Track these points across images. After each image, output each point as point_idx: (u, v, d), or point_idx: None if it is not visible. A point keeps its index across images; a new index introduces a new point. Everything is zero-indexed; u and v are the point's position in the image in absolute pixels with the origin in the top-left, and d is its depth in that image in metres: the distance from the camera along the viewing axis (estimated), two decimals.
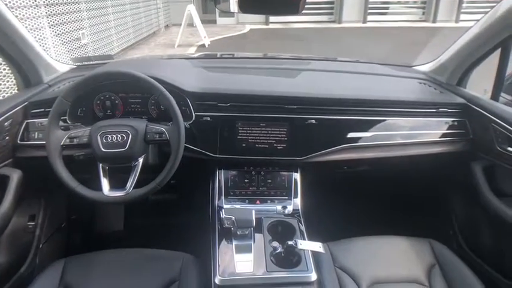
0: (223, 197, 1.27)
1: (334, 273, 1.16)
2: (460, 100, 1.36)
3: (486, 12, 1.24)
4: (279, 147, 1.28)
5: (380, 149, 1.32)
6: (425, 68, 1.61)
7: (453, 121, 1.36)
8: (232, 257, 1.06)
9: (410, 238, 1.28)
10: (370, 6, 11.30)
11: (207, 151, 1.28)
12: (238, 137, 1.28)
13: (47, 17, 4.43)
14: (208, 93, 1.28)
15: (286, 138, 1.28)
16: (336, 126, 1.29)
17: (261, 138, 1.28)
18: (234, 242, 1.10)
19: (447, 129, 1.35)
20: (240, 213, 1.10)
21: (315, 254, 1.10)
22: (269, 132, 1.28)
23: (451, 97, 1.39)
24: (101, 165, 1.11)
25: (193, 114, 1.27)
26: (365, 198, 1.60)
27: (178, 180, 1.70)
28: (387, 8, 12.09)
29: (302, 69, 1.63)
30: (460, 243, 1.46)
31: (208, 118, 1.27)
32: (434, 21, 11.25)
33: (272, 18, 11.53)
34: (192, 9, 8.26)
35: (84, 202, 1.11)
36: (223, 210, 1.13)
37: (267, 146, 1.28)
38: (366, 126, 1.31)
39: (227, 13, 11.45)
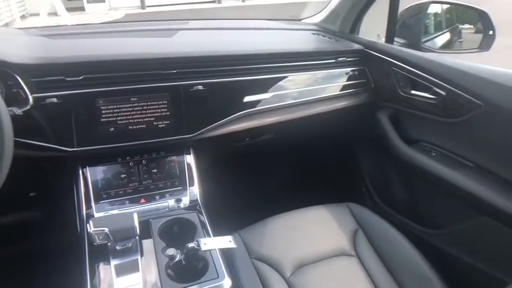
0: (92, 204, 0.93)
1: (252, 268, 0.94)
2: (357, 46, 1.25)
3: None
4: (160, 126, 0.99)
5: (282, 112, 1.14)
6: (315, 19, 1.47)
7: (353, 71, 1.24)
8: (110, 283, 0.75)
9: (327, 206, 1.14)
10: None
11: (60, 145, 0.92)
12: (102, 119, 0.94)
13: None
14: (48, 64, 0.91)
15: (168, 113, 0.99)
16: (228, 90, 1.06)
17: (134, 117, 0.97)
18: (113, 262, 0.78)
19: (348, 81, 1.24)
20: (115, 222, 0.79)
21: (226, 252, 0.86)
22: (144, 107, 0.97)
23: (347, 44, 1.27)
24: None
25: (30, 97, 0.88)
26: (273, 172, 1.43)
27: (37, 190, 1.27)
28: None
29: (180, 28, 1.33)
30: (375, 201, 1.38)
31: (55, 99, 0.90)
32: None
33: (148, 2, 10.74)
34: None
35: None
36: (90, 223, 0.80)
37: (144, 126, 0.98)
38: (262, 86, 1.10)
39: None
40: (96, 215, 0.91)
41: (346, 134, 1.40)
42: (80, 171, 0.96)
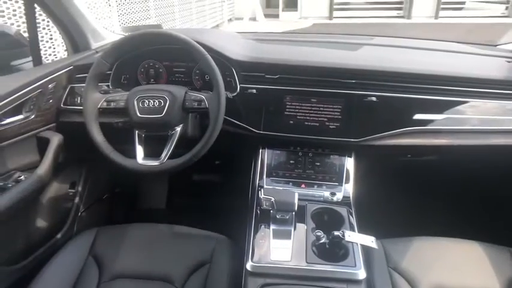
0: (264, 177, 1.15)
1: (387, 274, 0.98)
2: None
3: None
4: (331, 127, 1.13)
5: (453, 136, 1.11)
6: None
7: None
8: (268, 242, 0.93)
9: (485, 244, 1.06)
10: (443, 1, 10.40)
11: (251, 126, 1.16)
12: (286, 112, 1.14)
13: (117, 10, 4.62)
14: (255, 62, 1.16)
15: (340, 117, 1.12)
16: (400, 105, 1.10)
17: (311, 115, 1.13)
18: (272, 227, 0.97)
19: None
20: (280, 195, 0.97)
21: (366, 250, 0.94)
22: (321, 109, 1.13)
23: None
24: (136, 132, 1.05)
25: (238, 86, 1.16)
26: (429, 194, 1.38)
27: (222, 160, 1.62)
28: (463, 3, 11.06)
29: (364, 43, 1.44)
30: None
31: (254, 91, 1.15)
32: None
33: (336, 13, 11.13)
34: (255, 3, 8.22)
35: (128, 176, 1.06)
36: (263, 190, 1.01)
37: (317, 124, 1.13)
38: (437, 107, 1.10)
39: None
40: (266, 187, 1.12)
41: None
42: (260, 151, 1.20)
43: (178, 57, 1.21)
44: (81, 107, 1.18)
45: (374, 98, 1.10)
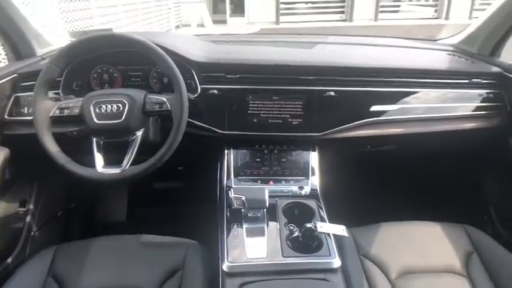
0: (232, 177, 1.14)
1: (359, 262, 1.01)
2: (496, 69, 1.21)
3: None
4: (294, 123, 1.14)
5: (407, 124, 1.18)
6: (453, 40, 1.46)
7: (488, 93, 1.20)
8: (242, 241, 0.92)
9: (442, 224, 1.13)
10: (381, 4, 11.08)
11: (214, 127, 1.15)
12: (249, 111, 1.14)
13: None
14: (215, 63, 1.15)
15: (302, 113, 1.14)
16: (357, 98, 1.15)
17: (274, 112, 1.14)
18: (245, 225, 0.97)
19: (481, 102, 1.20)
20: (251, 193, 0.97)
21: (337, 239, 0.96)
22: (283, 106, 1.14)
23: (484, 67, 1.24)
24: (94, 139, 0.99)
25: (199, 87, 1.14)
26: (390, 181, 1.46)
27: (185, 165, 1.58)
28: (399, 6, 11.86)
29: (320, 42, 1.49)
30: (496, 229, 1.30)
31: (216, 91, 1.14)
32: (447, 18, 10.96)
33: (282, 18, 11.40)
34: (203, 9, 8.19)
35: (84, 190, 0.99)
36: (232, 189, 1.00)
37: (280, 121, 1.15)
38: (390, 98, 1.16)
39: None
40: (234, 186, 1.11)
41: (472, 156, 1.35)
42: (225, 151, 1.18)
43: (133, 60, 1.17)
44: (28, 118, 1.09)
45: (332, 93, 1.13)
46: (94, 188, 0.97)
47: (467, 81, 1.19)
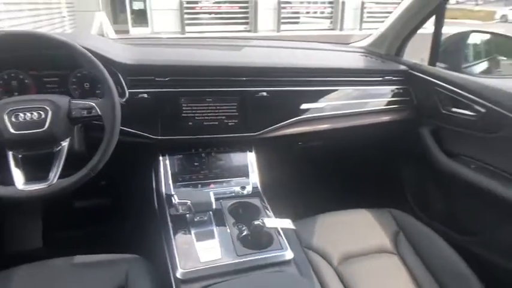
0: (171, 184, 1.09)
1: (303, 254, 1.05)
2: (402, 67, 1.38)
3: None
4: (230, 124, 1.15)
5: (332, 120, 1.28)
6: (363, 43, 1.63)
7: (397, 89, 1.37)
8: (193, 246, 0.89)
9: (371, 210, 1.24)
10: (282, 16, 11.79)
11: (147, 133, 1.09)
12: (183, 114, 1.11)
13: None
14: (143, 65, 1.10)
15: (237, 113, 1.15)
16: (288, 98, 1.21)
17: (209, 114, 1.13)
18: (193, 230, 0.93)
19: (392, 97, 1.37)
20: (196, 196, 0.95)
21: (284, 233, 0.99)
22: (218, 107, 1.14)
23: (393, 65, 1.41)
24: (10, 153, 0.86)
25: (127, 91, 1.07)
26: (324, 174, 1.55)
27: (109, 179, 1.45)
28: (298, 18, 12.76)
29: (245, 45, 1.53)
30: (414, 208, 1.48)
31: (145, 95, 1.08)
32: (341, 29, 12.16)
33: (188, 28, 11.34)
34: (103, 18, 7.68)
35: None
36: (175, 195, 0.96)
37: (216, 122, 1.14)
38: (317, 96, 1.25)
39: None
40: (177, 192, 1.06)
41: (390, 146, 1.52)
42: (160, 158, 1.13)
43: (48, 64, 1.04)
44: None
45: (265, 93, 1.17)
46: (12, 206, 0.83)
47: (380, 78, 1.33)
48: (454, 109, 1.25)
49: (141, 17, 11.33)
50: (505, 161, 1.13)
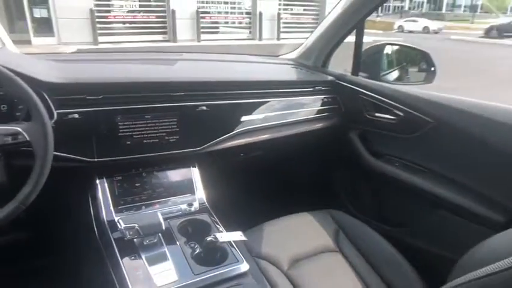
0: (112, 209, 1.02)
1: (254, 264, 1.07)
2: (330, 78, 1.49)
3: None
4: (171, 140, 1.12)
5: (270, 130, 1.32)
6: (292, 55, 1.71)
7: (326, 98, 1.47)
8: (146, 271, 0.84)
9: (312, 212, 1.30)
10: (202, 26, 11.81)
11: (81, 156, 1.00)
12: (120, 134, 1.05)
13: None
14: (72, 83, 1.01)
15: (178, 129, 1.12)
16: (227, 111, 1.22)
17: (148, 132, 1.09)
18: (143, 255, 0.89)
19: (322, 106, 1.46)
20: (143, 219, 0.90)
21: (236, 245, 0.99)
22: (157, 124, 1.10)
23: (321, 76, 1.51)
24: None
25: (55, 112, 0.97)
26: (265, 183, 1.59)
27: (30, 211, 1.30)
28: (218, 28, 12.91)
29: (180, 58, 1.50)
30: (349, 207, 1.59)
31: (76, 115, 1.00)
32: (260, 39, 12.60)
33: (101, 38, 10.73)
34: None
35: None
36: (120, 221, 0.90)
37: (156, 140, 1.10)
38: (254, 109, 1.28)
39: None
40: (122, 217, 1.00)
41: (324, 151, 1.62)
42: (97, 181, 1.05)
43: None
44: None
45: (204, 107, 1.16)
46: None
47: (311, 89, 1.42)
48: (377, 114, 1.38)
49: (44, 25, 10.39)
50: (422, 158, 1.28)
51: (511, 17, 24.51)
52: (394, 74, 1.60)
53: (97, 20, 10.59)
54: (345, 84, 1.46)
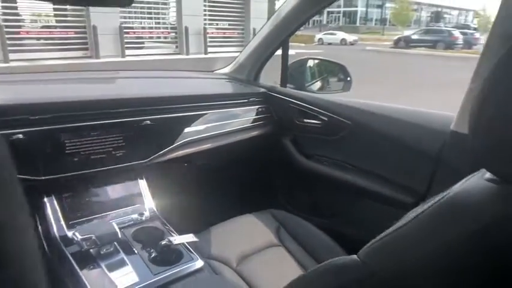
0: (64, 225, 1.04)
1: (206, 264, 1.15)
2: (262, 90, 1.64)
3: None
4: (118, 154, 1.16)
5: (211, 140, 1.42)
6: (226, 70, 1.83)
7: (260, 108, 1.62)
8: (107, 278, 0.89)
9: (255, 213, 1.42)
10: (126, 41, 11.44)
11: (27, 175, 1.01)
12: (67, 151, 1.08)
13: None
14: (12, 104, 1.02)
15: (124, 144, 1.18)
16: (170, 124, 1.30)
17: (95, 148, 1.12)
18: (102, 263, 0.93)
19: (257, 115, 1.61)
20: (99, 229, 0.95)
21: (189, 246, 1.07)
22: (103, 140, 1.14)
23: (254, 89, 1.66)
24: None
25: None
26: (212, 189, 1.66)
27: None
28: (143, 43, 12.62)
29: (116, 76, 1.54)
30: (286, 205, 1.74)
31: (21, 136, 1.01)
32: (187, 53, 12.58)
33: (13, 56, 9.86)
34: None
35: None
36: (76, 233, 0.93)
37: (104, 155, 1.14)
38: (195, 121, 1.37)
39: None
40: (69, 233, 1.02)
41: (262, 156, 1.75)
42: (46, 199, 1.06)
43: None
44: None
45: (148, 122, 1.23)
46: None
47: (246, 100, 1.55)
48: (305, 120, 1.56)
49: None
50: (346, 155, 1.48)
51: (415, 29, 27.82)
52: (317, 85, 1.82)
53: (7, 36, 9.73)
54: (275, 95, 1.62)
